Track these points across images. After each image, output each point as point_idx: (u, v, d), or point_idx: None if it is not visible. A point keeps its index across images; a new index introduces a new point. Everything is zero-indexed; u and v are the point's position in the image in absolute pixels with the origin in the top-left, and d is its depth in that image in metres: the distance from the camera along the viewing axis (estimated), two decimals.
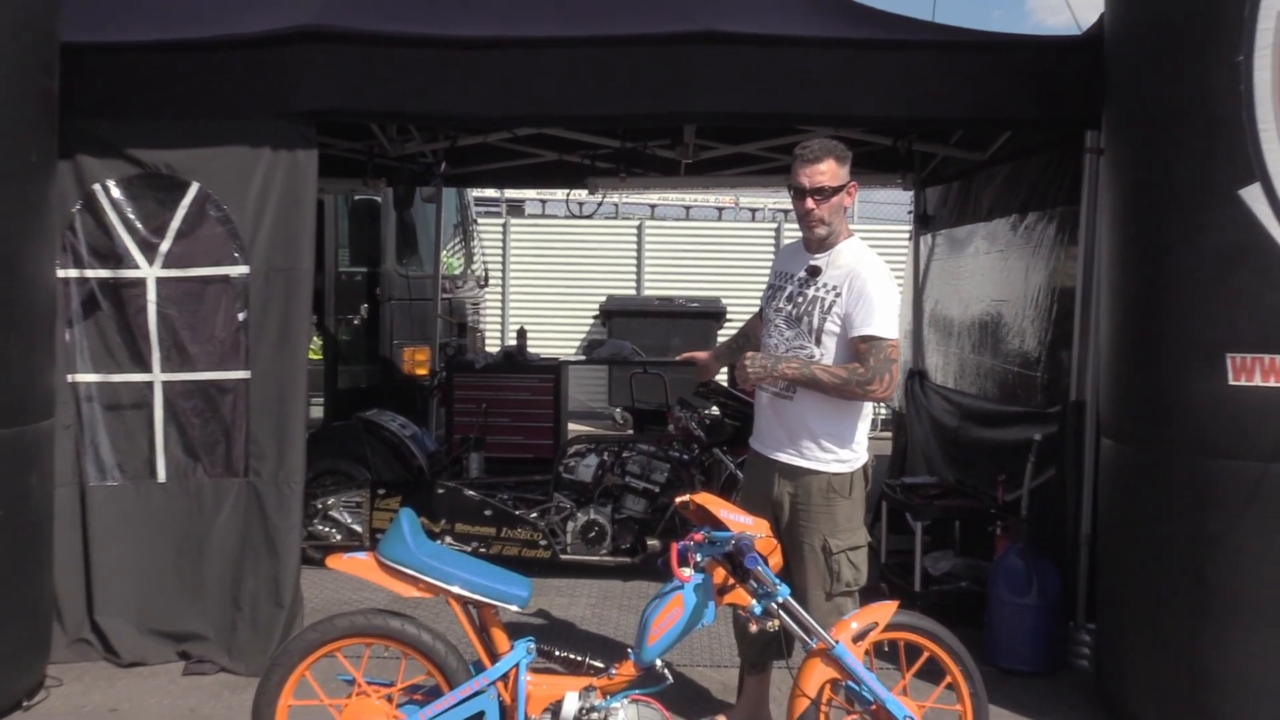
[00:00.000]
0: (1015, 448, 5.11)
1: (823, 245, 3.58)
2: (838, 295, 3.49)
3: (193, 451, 4.51)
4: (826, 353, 3.51)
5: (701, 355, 4.09)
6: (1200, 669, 3.64)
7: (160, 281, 4.46)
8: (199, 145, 4.41)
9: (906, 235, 8.03)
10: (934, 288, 7.16)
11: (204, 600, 4.48)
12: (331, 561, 3.28)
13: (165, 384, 4.49)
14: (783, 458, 3.60)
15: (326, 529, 6.04)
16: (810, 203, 3.50)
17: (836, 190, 3.50)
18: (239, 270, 4.47)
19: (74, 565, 4.42)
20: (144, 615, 4.49)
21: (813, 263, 3.58)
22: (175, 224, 4.46)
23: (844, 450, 3.56)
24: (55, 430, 4.26)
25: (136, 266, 4.46)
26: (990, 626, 4.68)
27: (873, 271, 3.50)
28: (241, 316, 4.47)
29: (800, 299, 3.57)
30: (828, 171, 3.48)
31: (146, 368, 4.48)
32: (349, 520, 6.03)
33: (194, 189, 4.45)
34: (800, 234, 3.68)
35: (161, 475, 4.50)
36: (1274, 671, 3.52)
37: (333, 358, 8.51)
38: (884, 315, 3.44)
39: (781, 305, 3.63)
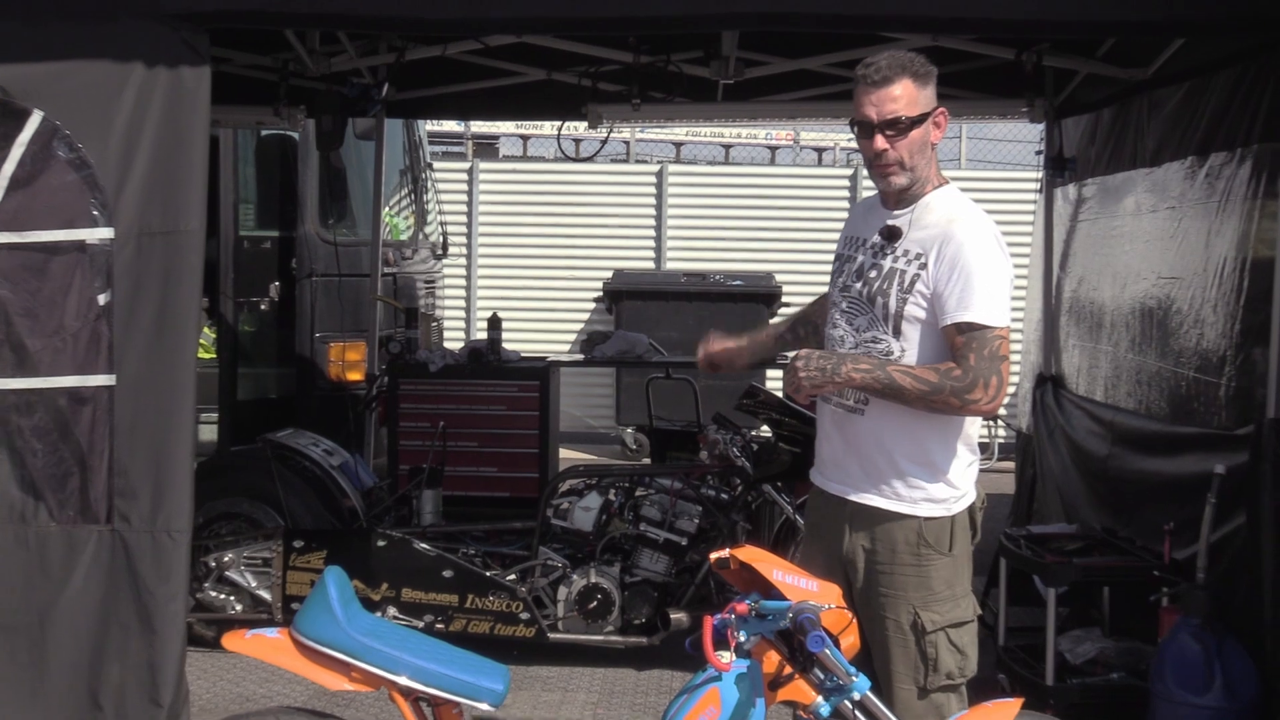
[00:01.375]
0: (1190, 484, 5.11)
1: (903, 199, 3.59)
2: (923, 266, 3.50)
3: (34, 488, 4.48)
4: (909, 347, 3.52)
5: (722, 343, 4.06)
6: None
7: None
8: (43, 58, 4.40)
9: (1034, 185, 8.03)
10: (1076, 261, 7.14)
11: (50, 695, 4.45)
12: (230, 641, 3.32)
13: None
14: (855, 497, 3.60)
15: (222, 596, 6.08)
16: (881, 141, 3.50)
17: (917, 121, 3.50)
18: (100, 234, 4.45)
19: None
20: None
21: (891, 222, 3.59)
22: (9, 169, 4.43)
23: (940, 485, 3.55)
24: None
25: None
26: None
27: (973, 231, 3.49)
28: (103, 299, 4.45)
29: (873, 273, 3.58)
30: (903, 96, 3.48)
31: None
32: (253, 584, 6.09)
33: (36, 120, 4.42)
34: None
35: None
36: None
37: (231, 357, 8.55)
38: (990, 294, 3.42)
39: (849, 283, 3.65)
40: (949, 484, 3.55)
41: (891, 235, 3.55)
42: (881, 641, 3.56)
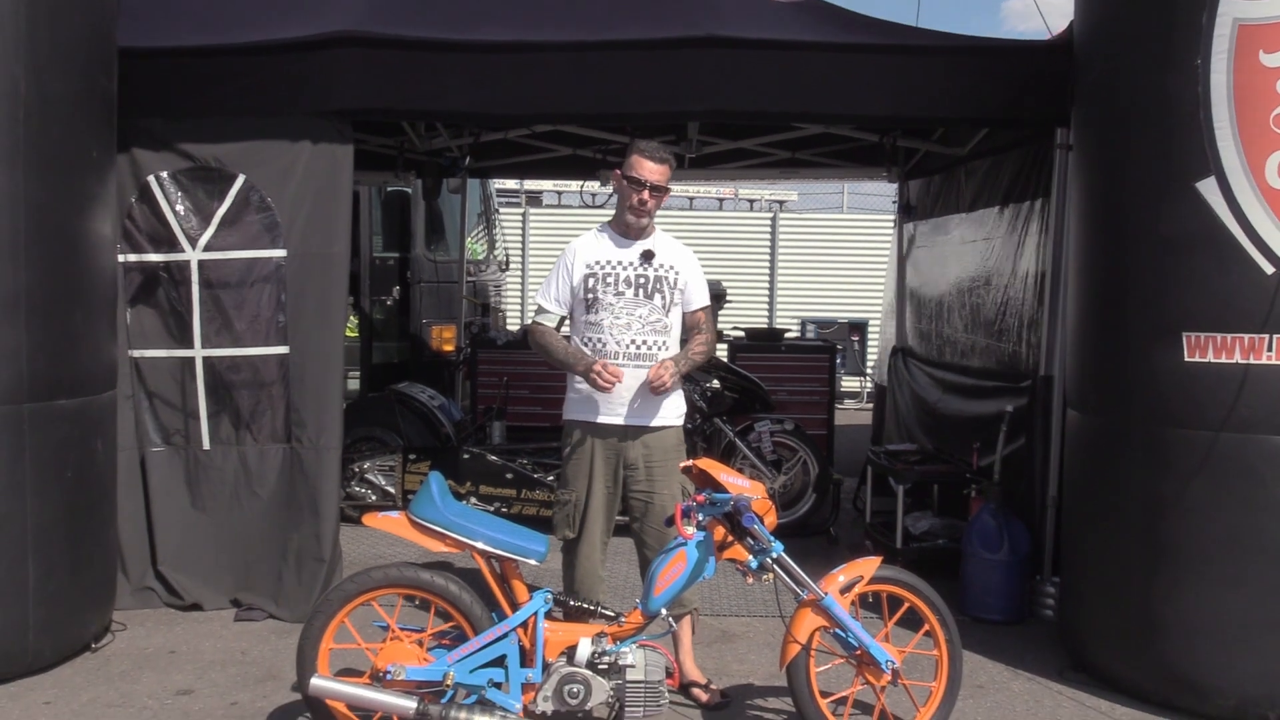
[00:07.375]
0: (989, 418, 5.12)
1: (643, 233, 3.70)
2: (678, 274, 3.69)
3: (239, 420, 4.52)
4: (674, 322, 3.70)
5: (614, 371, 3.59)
6: (1152, 618, 3.69)
7: (203, 265, 4.46)
8: (245, 140, 4.43)
9: (890, 223, 7.97)
10: (917, 271, 7.13)
11: (255, 554, 4.50)
12: (367, 519, 3.31)
13: (206, 359, 4.50)
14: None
15: (363, 490, 6.05)
16: (648, 195, 3.61)
17: (666, 191, 3.67)
18: (277, 254, 4.47)
19: (138, 522, 4.45)
20: (200, 567, 4.52)
21: (648, 248, 3.69)
22: (221, 211, 4.46)
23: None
24: (117, 400, 4.29)
25: (182, 250, 4.46)
26: (964, 580, 4.70)
27: (691, 253, 3.76)
28: (282, 297, 4.47)
29: (644, 279, 3.65)
30: (666, 173, 3.63)
31: (189, 344, 4.49)
32: (383, 482, 6.05)
33: (240, 180, 4.45)
34: (596, 227, 3.78)
35: (206, 443, 4.51)
36: (1214, 617, 3.57)
37: (368, 335, 8.53)
38: (707, 288, 3.77)
39: (623, 289, 3.64)
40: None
41: (649, 256, 3.67)
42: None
